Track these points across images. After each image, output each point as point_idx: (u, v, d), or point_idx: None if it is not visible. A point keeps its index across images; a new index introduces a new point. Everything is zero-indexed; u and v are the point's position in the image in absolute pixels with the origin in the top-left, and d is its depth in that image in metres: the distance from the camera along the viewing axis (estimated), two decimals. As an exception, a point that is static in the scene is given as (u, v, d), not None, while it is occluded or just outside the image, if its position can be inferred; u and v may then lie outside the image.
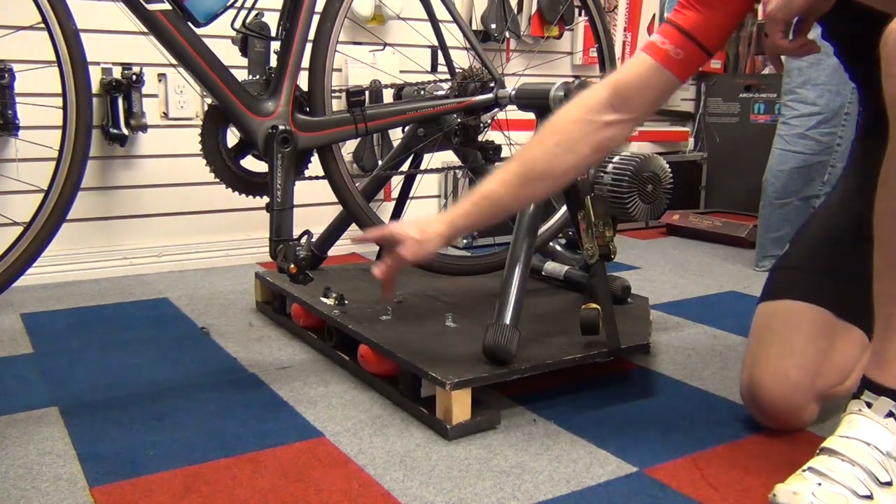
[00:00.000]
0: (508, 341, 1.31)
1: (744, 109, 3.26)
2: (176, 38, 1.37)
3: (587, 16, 1.90)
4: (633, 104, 1.20)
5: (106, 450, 1.19)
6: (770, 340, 1.27)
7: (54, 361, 1.58)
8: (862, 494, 0.93)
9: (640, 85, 1.20)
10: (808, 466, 0.97)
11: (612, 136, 1.21)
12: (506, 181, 1.22)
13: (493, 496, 1.07)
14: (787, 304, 1.28)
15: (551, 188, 1.28)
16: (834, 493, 0.92)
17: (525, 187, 1.23)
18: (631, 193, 1.49)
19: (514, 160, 1.24)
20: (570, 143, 1.21)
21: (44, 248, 1.35)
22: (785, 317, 1.27)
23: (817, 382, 1.24)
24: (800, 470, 0.98)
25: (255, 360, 1.60)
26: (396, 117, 1.62)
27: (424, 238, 1.23)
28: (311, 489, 1.09)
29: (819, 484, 0.94)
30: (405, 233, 1.24)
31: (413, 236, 1.23)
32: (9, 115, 2.02)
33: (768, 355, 1.26)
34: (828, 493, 0.92)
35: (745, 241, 2.78)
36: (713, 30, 1.17)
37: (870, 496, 0.93)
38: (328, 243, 2.00)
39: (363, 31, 2.55)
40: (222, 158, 1.50)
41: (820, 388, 1.25)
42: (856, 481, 0.93)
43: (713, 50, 1.19)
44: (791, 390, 1.24)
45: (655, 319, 1.84)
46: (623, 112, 1.20)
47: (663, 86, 1.20)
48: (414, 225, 1.25)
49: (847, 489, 0.93)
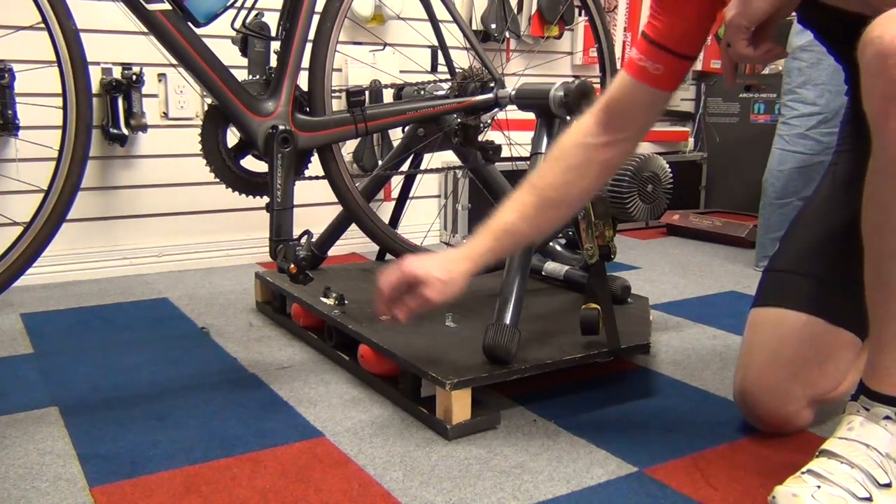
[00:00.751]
0: (508, 341, 1.31)
1: (744, 109, 3.26)
2: (176, 38, 1.37)
3: (587, 16, 1.90)
4: (625, 123, 1.20)
5: (106, 450, 1.19)
6: (760, 349, 1.26)
7: (54, 361, 1.58)
8: (861, 496, 0.93)
9: (628, 103, 1.19)
10: (806, 469, 0.97)
11: (613, 156, 1.22)
12: (524, 213, 1.23)
13: (493, 496, 1.07)
14: (777, 313, 1.26)
15: (568, 214, 1.29)
16: (833, 495, 0.92)
17: (543, 216, 1.23)
18: (631, 193, 1.49)
19: (526, 190, 1.24)
20: (577, 167, 1.21)
21: (44, 248, 1.35)
22: (775, 326, 1.25)
23: (809, 391, 1.23)
24: (798, 472, 0.98)
25: (255, 360, 1.60)
26: (396, 117, 1.62)
27: (451, 278, 1.21)
28: (311, 489, 1.09)
29: (818, 486, 0.94)
30: (430, 274, 1.20)
31: (439, 277, 1.20)
32: (9, 115, 2.02)
33: (758, 364, 1.25)
34: (827, 495, 0.92)
35: (745, 241, 2.78)
36: (681, 36, 1.15)
37: (869, 498, 0.93)
38: (328, 243, 2.00)
39: (363, 31, 2.55)
40: (222, 158, 1.50)
41: (812, 395, 1.24)
42: (855, 483, 0.93)
43: (691, 55, 1.17)
44: (782, 400, 1.23)
45: (655, 319, 1.84)
46: (618, 132, 1.20)
47: (650, 101, 1.19)
48: (437, 264, 1.22)
49: (846, 491, 0.93)
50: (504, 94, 1.64)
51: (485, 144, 1.73)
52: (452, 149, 1.80)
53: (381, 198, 2.60)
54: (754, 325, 1.29)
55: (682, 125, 3.52)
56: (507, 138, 1.80)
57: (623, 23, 3.18)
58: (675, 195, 1.59)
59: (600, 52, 1.90)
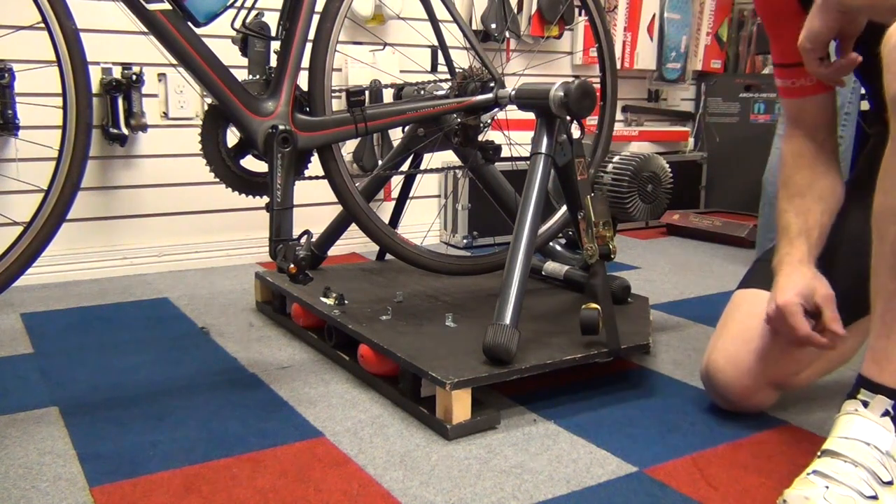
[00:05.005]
0: (508, 341, 1.30)
1: (744, 109, 3.26)
2: (176, 38, 1.37)
3: (587, 16, 1.90)
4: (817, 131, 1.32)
5: (106, 450, 1.19)
6: (731, 326, 1.33)
7: (54, 361, 1.58)
8: (868, 495, 0.93)
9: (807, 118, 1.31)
10: (812, 469, 0.97)
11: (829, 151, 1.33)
12: None
13: (493, 496, 1.07)
14: (753, 293, 1.33)
15: None
16: (842, 495, 0.93)
17: None
18: (631, 193, 1.50)
19: None
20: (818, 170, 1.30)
21: (44, 248, 1.35)
22: (748, 305, 1.32)
23: (770, 369, 1.27)
24: (804, 473, 0.98)
25: (255, 360, 1.60)
26: (396, 117, 1.62)
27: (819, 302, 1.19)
28: (311, 489, 1.09)
29: (827, 487, 0.94)
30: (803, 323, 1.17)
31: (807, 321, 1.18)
32: (9, 115, 2.02)
33: (726, 339, 1.31)
34: (837, 495, 0.93)
35: (745, 241, 2.78)
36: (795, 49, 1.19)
37: (875, 496, 0.93)
38: (328, 243, 2.00)
39: (363, 31, 2.55)
40: (222, 158, 1.50)
41: (773, 376, 1.28)
42: (860, 482, 0.94)
43: None
44: (742, 374, 1.28)
45: (655, 319, 1.84)
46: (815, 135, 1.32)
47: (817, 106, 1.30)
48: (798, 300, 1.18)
49: (854, 490, 0.93)
50: (504, 94, 1.63)
51: (485, 144, 1.72)
52: (452, 149, 1.79)
53: (381, 198, 2.60)
54: (732, 305, 1.37)
55: (682, 125, 3.53)
56: (507, 138, 1.80)
57: (623, 23, 3.18)
58: (675, 195, 1.59)
59: (600, 52, 1.90)
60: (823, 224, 1.26)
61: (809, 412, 1.37)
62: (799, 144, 1.33)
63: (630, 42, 3.22)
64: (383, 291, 1.78)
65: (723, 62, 3.53)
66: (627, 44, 3.21)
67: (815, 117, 1.31)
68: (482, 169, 1.86)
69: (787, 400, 1.38)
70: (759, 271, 1.37)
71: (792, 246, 1.24)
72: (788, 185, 1.31)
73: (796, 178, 1.31)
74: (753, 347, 1.27)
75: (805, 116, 1.32)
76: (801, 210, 1.27)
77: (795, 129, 1.34)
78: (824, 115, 1.32)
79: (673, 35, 3.32)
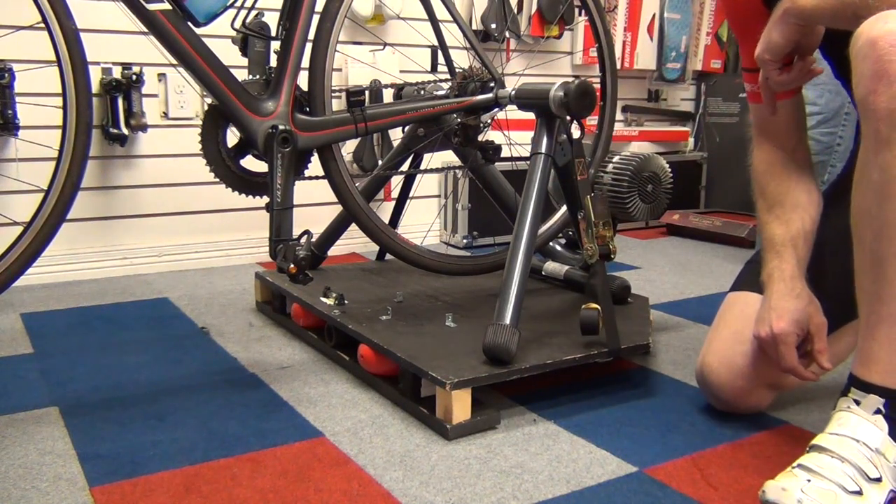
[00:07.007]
0: (508, 341, 1.30)
1: (744, 109, 3.26)
2: (176, 38, 1.37)
3: (587, 16, 1.90)
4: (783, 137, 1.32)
5: (106, 450, 1.19)
6: (724, 328, 1.33)
7: (54, 361, 1.58)
8: (851, 490, 0.93)
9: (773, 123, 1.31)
10: (797, 463, 0.98)
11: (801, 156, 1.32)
12: None
13: (493, 496, 1.07)
14: (744, 296, 1.34)
15: None
16: (823, 489, 0.93)
17: None
18: (631, 193, 1.50)
19: None
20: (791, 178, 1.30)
21: (44, 248, 1.35)
22: (741, 307, 1.32)
23: (764, 370, 1.27)
24: (789, 467, 0.98)
25: (255, 360, 1.60)
26: (396, 117, 1.62)
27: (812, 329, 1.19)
28: (311, 489, 1.09)
29: (808, 480, 0.94)
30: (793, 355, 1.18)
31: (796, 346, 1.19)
32: (9, 115, 2.02)
33: (720, 341, 1.32)
34: (817, 489, 0.93)
35: (745, 241, 2.78)
36: None
37: (859, 492, 0.94)
38: (328, 243, 2.00)
39: (363, 31, 2.55)
40: (222, 158, 1.50)
41: (767, 377, 1.28)
42: (845, 477, 0.94)
43: None
44: (736, 376, 1.29)
45: (655, 319, 1.84)
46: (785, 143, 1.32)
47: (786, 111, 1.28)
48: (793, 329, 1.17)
49: (836, 485, 0.94)
50: (504, 94, 1.63)
51: (485, 144, 1.72)
52: (452, 149, 1.79)
53: (381, 198, 2.60)
54: (724, 307, 1.38)
55: (682, 125, 3.53)
56: (507, 138, 1.80)
57: (623, 23, 3.18)
58: (675, 195, 1.59)
59: (600, 52, 1.90)
60: (807, 231, 1.25)
61: (809, 412, 1.37)
62: (768, 152, 1.33)
63: (630, 42, 3.22)
64: (383, 291, 1.78)
65: (723, 62, 3.53)
66: (627, 44, 3.21)
67: (784, 122, 1.30)
68: (482, 169, 1.86)
69: (787, 400, 1.39)
70: (750, 273, 1.36)
71: (781, 259, 1.23)
72: (765, 196, 1.31)
73: (771, 187, 1.30)
74: (746, 349, 1.27)
75: (773, 121, 1.30)
76: (783, 219, 1.26)
77: (764, 136, 1.34)
78: (792, 119, 1.30)
79: (673, 35, 3.32)
